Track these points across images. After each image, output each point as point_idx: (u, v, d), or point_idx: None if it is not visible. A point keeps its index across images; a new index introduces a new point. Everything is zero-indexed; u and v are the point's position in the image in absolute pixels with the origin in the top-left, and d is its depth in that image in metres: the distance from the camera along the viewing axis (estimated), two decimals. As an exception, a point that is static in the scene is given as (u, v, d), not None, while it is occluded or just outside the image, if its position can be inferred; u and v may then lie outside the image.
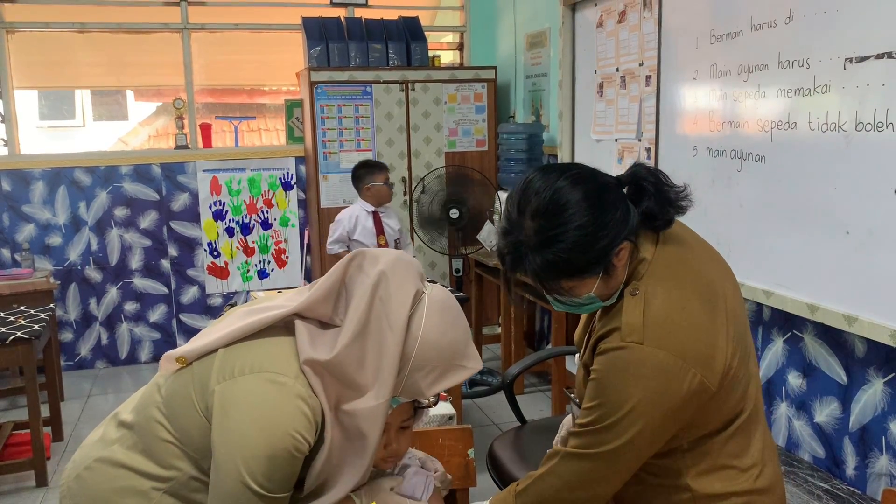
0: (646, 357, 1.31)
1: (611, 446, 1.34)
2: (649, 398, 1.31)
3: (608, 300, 1.40)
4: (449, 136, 5.07)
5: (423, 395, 1.34)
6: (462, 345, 1.34)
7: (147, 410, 1.35)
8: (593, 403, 1.36)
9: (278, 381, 1.25)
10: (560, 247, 1.31)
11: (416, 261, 1.40)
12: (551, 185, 1.33)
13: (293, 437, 1.23)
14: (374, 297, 1.29)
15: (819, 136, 2.41)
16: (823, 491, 2.32)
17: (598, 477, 1.38)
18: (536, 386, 4.45)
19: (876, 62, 2.19)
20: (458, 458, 1.74)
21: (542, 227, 1.32)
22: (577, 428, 1.40)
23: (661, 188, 1.38)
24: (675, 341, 1.32)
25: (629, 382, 1.32)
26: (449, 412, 2.27)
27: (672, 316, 1.34)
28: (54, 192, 4.81)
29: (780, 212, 2.60)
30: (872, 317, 2.25)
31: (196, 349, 1.34)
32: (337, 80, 4.81)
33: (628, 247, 1.36)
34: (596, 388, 1.36)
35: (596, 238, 1.31)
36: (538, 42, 4.80)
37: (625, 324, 1.33)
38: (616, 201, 1.35)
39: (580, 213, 1.31)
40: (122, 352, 5.06)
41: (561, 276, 1.35)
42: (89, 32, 4.99)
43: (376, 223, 4.07)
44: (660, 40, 3.34)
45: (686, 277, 1.40)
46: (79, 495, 1.37)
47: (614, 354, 1.34)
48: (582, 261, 1.33)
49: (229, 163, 5.08)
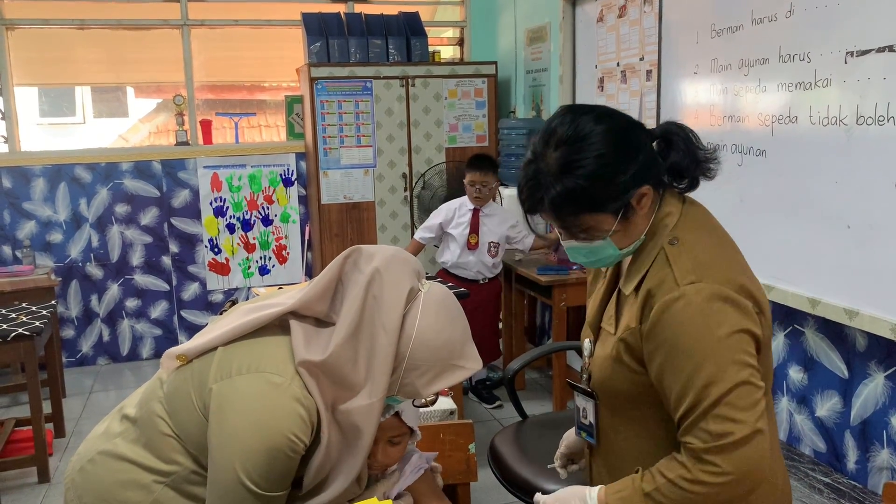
0: (711, 292, 1.26)
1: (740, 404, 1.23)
2: (732, 333, 1.25)
3: (625, 250, 1.37)
4: (449, 132, 5.07)
5: (420, 394, 1.33)
6: (459, 344, 1.32)
7: (150, 405, 1.36)
8: (684, 380, 1.25)
9: (275, 382, 1.25)
10: (579, 173, 1.28)
11: (413, 258, 1.39)
12: (577, 117, 1.32)
13: (289, 438, 1.23)
14: (367, 295, 1.29)
15: (820, 131, 2.41)
16: (824, 485, 2.32)
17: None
18: (537, 381, 4.46)
19: (877, 56, 2.19)
20: (460, 453, 1.74)
21: (563, 154, 1.30)
22: (684, 412, 1.26)
23: (690, 145, 1.36)
24: (729, 275, 1.29)
25: (710, 326, 1.25)
26: (450, 407, 2.28)
27: (719, 257, 1.32)
28: (55, 189, 4.81)
29: (780, 206, 2.60)
30: (873, 311, 2.25)
31: (196, 347, 1.34)
32: (337, 76, 4.80)
33: (650, 193, 1.33)
34: (676, 359, 1.26)
35: (616, 171, 1.29)
36: (538, 37, 4.79)
37: (677, 270, 1.29)
38: (641, 144, 1.33)
39: (601, 143, 1.29)
40: (123, 348, 5.07)
41: (579, 209, 1.31)
42: (89, 29, 4.98)
43: (473, 219, 3.95)
44: (660, 35, 3.34)
45: (720, 233, 1.39)
46: (82, 487, 1.38)
47: (677, 306, 1.26)
48: (600, 193, 1.29)
49: (230, 159, 5.07)
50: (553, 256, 4.06)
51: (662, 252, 1.33)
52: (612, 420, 1.46)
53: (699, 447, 1.24)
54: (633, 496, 1.30)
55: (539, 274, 3.79)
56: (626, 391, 1.39)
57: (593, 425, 1.50)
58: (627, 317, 1.36)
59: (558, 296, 3.73)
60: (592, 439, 1.51)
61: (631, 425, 1.43)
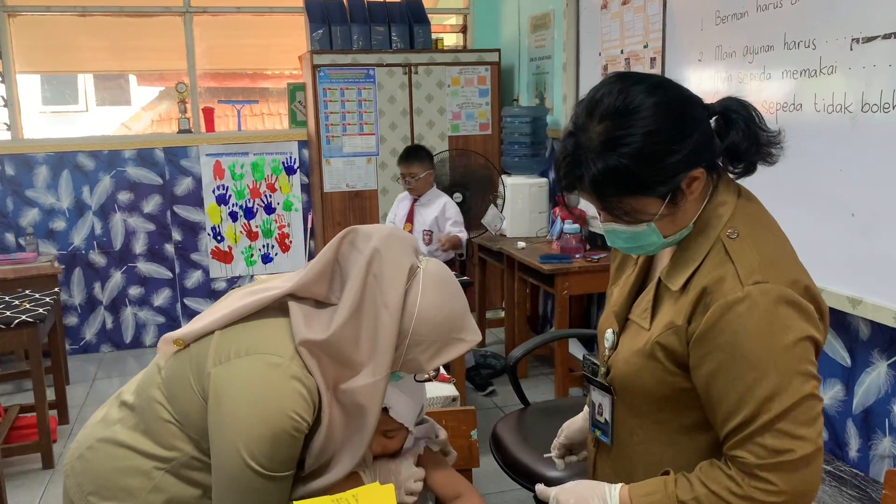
0: (779, 295, 1.14)
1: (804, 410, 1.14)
2: (798, 341, 1.14)
3: (670, 238, 1.23)
4: (452, 120, 5.05)
5: (423, 369, 1.34)
6: (459, 318, 1.34)
7: (148, 391, 1.36)
8: (741, 389, 1.14)
9: (273, 363, 1.26)
10: (624, 151, 1.14)
11: (409, 235, 1.39)
12: (627, 88, 1.17)
13: (291, 417, 1.23)
14: (367, 274, 1.29)
15: (825, 118, 2.40)
16: (826, 473, 2.32)
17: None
18: (539, 369, 4.46)
19: (883, 42, 2.18)
20: (462, 440, 1.74)
21: (608, 128, 1.16)
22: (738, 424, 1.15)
23: (752, 125, 1.22)
24: (795, 276, 1.18)
25: (776, 333, 1.13)
26: (452, 394, 2.28)
27: (783, 255, 1.21)
28: (58, 177, 4.81)
29: (784, 194, 2.59)
30: (876, 299, 2.25)
31: (193, 331, 1.34)
32: (340, 64, 4.78)
33: (703, 177, 1.19)
34: (734, 366, 1.14)
35: (667, 151, 1.15)
36: (542, 24, 4.77)
37: (741, 267, 1.16)
38: (698, 121, 1.19)
39: (653, 118, 1.15)
40: (126, 336, 5.08)
41: (621, 190, 1.17)
42: (91, 16, 4.96)
43: (410, 209, 4.08)
44: (664, 22, 3.32)
45: (778, 230, 1.27)
46: (82, 475, 1.38)
47: (740, 309, 1.13)
48: (647, 174, 1.15)
49: (232, 147, 5.07)
50: (556, 244, 4.06)
51: (720, 245, 1.20)
52: (630, 421, 1.34)
53: (752, 462, 1.13)
54: (665, 502, 1.19)
55: (542, 262, 3.78)
56: (653, 391, 1.27)
57: (609, 423, 1.38)
58: (670, 313, 1.23)
59: (561, 284, 3.72)
60: (607, 438, 1.39)
61: (650, 428, 1.31)
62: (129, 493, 1.33)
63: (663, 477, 1.22)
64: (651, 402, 1.29)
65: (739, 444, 1.15)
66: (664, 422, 1.29)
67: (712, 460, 1.20)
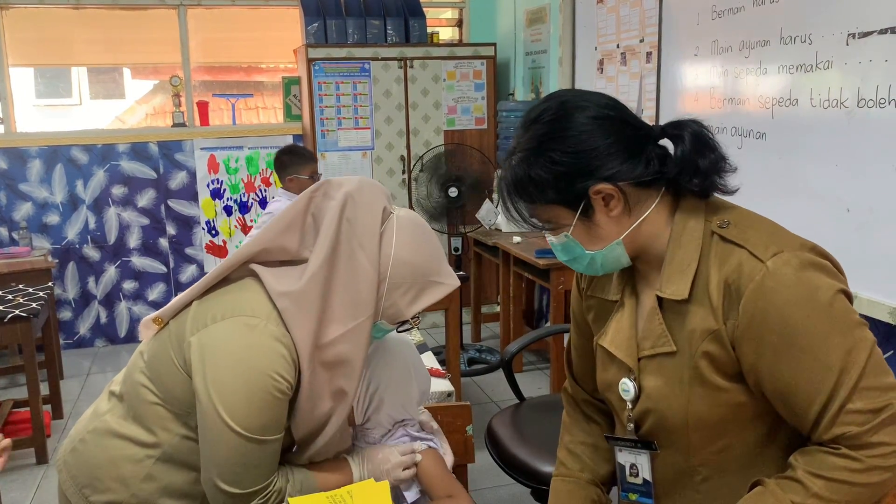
0: (800, 261, 1.08)
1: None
2: (835, 295, 1.08)
3: (598, 253, 1.18)
4: (448, 114, 5.04)
5: (403, 315, 1.35)
6: (437, 261, 1.35)
7: (133, 377, 1.36)
8: (811, 362, 1.06)
9: (250, 324, 1.25)
10: (520, 156, 1.15)
11: (380, 184, 1.39)
12: (545, 102, 1.17)
13: (272, 377, 1.23)
14: (342, 218, 1.29)
15: (821, 113, 2.40)
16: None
17: None
18: (535, 364, 4.47)
19: (879, 37, 2.17)
20: (457, 435, 1.74)
21: (517, 137, 1.17)
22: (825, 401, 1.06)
23: (689, 152, 1.14)
24: (798, 240, 1.13)
25: (815, 297, 1.07)
26: (448, 389, 2.28)
27: (777, 227, 1.16)
28: (51, 171, 4.79)
29: (780, 189, 2.59)
30: (872, 294, 2.25)
31: (170, 307, 1.35)
32: (335, 57, 4.77)
33: (617, 195, 1.13)
34: (793, 345, 1.07)
35: (553, 160, 1.12)
36: (538, 18, 4.76)
37: (752, 246, 1.10)
38: (616, 131, 1.13)
39: (546, 125, 1.14)
40: (121, 330, 5.07)
41: (523, 197, 1.16)
42: (84, 9, 4.94)
43: None
44: (661, 16, 3.31)
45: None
46: (75, 467, 1.38)
47: (771, 285, 1.07)
48: (542, 181, 1.13)
49: (227, 141, 5.05)
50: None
51: (716, 238, 1.14)
52: (685, 463, 1.20)
53: (859, 431, 1.04)
54: None
55: (537, 257, 3.78)
56: (707, 419, 1.15)
57: (649, 482, 1.25)
58: (697, 322, 1.13)
59: (556, 279, 3.72)
60: (650, 500, 1.26)
61: (714, 460, 1.18)
62: (122, 483, 1.33)
63: (759, 489, 1.11)
64: (708, 432, 1.17)
65: (834, 420, 1.06)
66: (727, 448, 1.17)
67: (803, 450, 1.11)
